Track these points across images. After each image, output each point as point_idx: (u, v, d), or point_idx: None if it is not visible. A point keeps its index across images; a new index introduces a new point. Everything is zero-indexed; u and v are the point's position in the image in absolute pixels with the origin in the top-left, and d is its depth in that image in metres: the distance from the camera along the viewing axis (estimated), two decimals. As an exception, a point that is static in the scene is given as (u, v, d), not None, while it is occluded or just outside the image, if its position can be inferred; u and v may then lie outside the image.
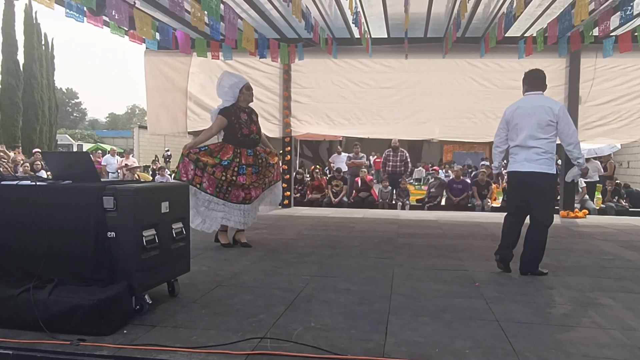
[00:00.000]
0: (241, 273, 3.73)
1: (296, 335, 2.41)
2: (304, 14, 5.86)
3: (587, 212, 8.83)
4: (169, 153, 27.59)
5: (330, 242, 5.23)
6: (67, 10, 5.10)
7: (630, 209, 9.43)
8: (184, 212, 3.00)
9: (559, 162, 10.01)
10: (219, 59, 7.25)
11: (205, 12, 5.41)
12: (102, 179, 3.01)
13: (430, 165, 23.94)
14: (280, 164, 5.32)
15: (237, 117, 4.59)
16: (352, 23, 6.75)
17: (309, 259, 4.29)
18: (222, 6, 5.14)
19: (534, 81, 3.86)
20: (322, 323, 2.61)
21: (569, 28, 5.76)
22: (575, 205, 8.76)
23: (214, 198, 4.45)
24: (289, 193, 9.04)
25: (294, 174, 9.72)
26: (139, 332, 2.41)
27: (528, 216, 3.83)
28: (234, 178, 4.42)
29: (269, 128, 8.79)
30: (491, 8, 6.62)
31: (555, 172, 3.81)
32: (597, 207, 9.44)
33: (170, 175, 12.72)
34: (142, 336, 2.36)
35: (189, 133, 8.49)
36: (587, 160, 10.80)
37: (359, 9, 6.33)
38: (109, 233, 2.52)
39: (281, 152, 9.28)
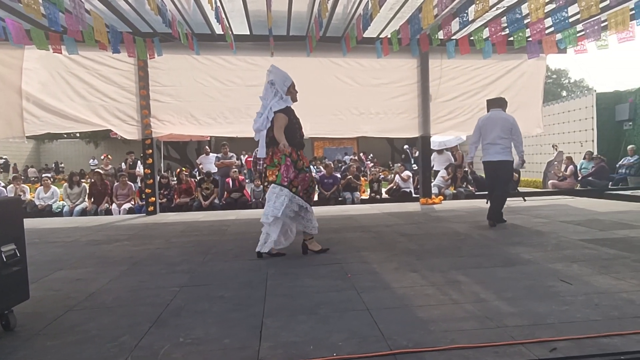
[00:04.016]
0: (99, 293, 3.32)
1: (163, 354, 2.20)
2: (159, 8, 5.47)
3: (442, 198, 9.78)
4: (2, 161, 23.93)
5: (202, 247, 4.97)
6: None
7: (476, 193, 10.68)
8: (16, 231, 2.54)
9: (417, 153, 10.90)
10: (61, 52, 6.44)
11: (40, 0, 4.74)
12: None
13: (302, 162, 24.43)
14: None
15: (295, 117, 4.31)
16: (214, 18, 6.50)
17: (180, 268, 4.01)
18: (60, -7, 4.55)
19: (499, 104, 5.93)
20: (192, 337, 2.42)
21: (418, 31, 6.26)
22: (433, 192, 9.65)
23: (304, 203, 4.16)
24: (153, 199, 8.43)
25: (159, 178, 9.10)
26: (-41, 382, 1.97)
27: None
28: (313, 182, 4.29)
29: (127, 130, 8.10)
30: (349, 9, 6.89)
31: (512, 159, 5.75)
32: (451, 193, 10.52)
33: (11, 184, 10.96)
34: (-36, 386, 1.93)
35: (28, 137, 7.39)
36: (441, 152, 11.97)
37: (219, 3, 6.10)
38: None
39: (142, 155, 8.62)
